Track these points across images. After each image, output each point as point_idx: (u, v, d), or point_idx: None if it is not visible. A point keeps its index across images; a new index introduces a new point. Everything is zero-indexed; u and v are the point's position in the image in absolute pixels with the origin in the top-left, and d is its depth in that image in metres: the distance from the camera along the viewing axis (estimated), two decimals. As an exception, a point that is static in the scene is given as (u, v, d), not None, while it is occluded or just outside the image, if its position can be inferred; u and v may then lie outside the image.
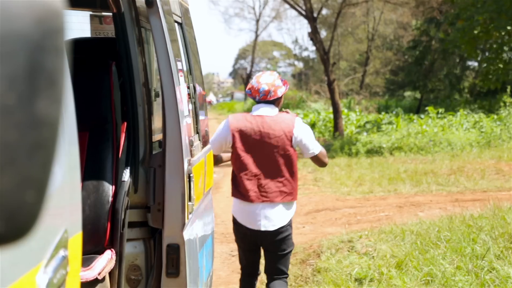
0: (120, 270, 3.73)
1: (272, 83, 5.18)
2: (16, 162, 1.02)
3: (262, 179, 5.15)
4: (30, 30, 1.03)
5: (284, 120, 5.17)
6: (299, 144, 5.19)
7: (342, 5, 27.82)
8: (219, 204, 12.92)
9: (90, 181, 3.70)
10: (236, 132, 5.18)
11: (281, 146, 5.12)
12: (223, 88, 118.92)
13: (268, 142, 5.13)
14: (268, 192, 5.15)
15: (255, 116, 5.21)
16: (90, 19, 5.80)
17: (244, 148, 5.17)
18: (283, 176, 5.14)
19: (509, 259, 6.17)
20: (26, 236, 1.08)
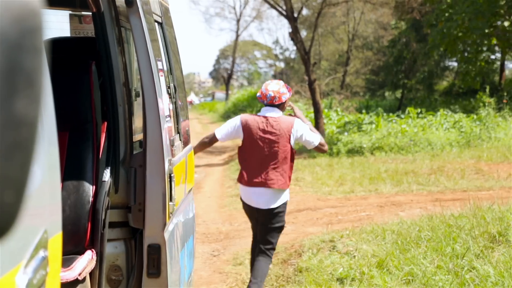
0: (100, 270, 3.72)
1: (278, 90, 6.23)
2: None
3: (262, 168, 6.17)
4: (8, 29, 1.02)
5: (285, 121, 6.21)
6: (300, 140, 6.27)
7: (323, 5, 27.86)
8: (200, 204, 12.91)
9: (70, 181, 3.69)
10: (245, 129, 6.23)
11: (281, 143, 6.18)
12: (204, 88, 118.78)
13: (270, 139, 6.18)
14: (267, 179, 6.15)
15: (261, 116, 6.26)
16: (70, 18, 5.77)
17: (250, 143, 6.22)
18: (280, 167, 6.17)
19: (489, 258, 6.21)
20: (5, 236, 1.08)
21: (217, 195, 14.54)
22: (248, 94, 46.71)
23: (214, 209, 12.71)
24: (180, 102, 5.08)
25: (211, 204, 13.25)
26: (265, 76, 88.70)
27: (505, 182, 12.90)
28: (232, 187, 15.69)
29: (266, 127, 6.18)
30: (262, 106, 35.89)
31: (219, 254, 8.93)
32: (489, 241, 6.74)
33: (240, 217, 11.50)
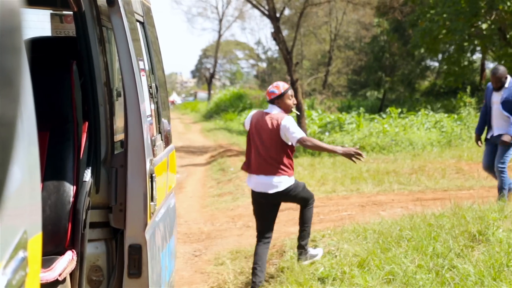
0: (81, 271, 3.70)
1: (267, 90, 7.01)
2: (-28, 162, 1.00)
3: (259, 158, 6.87)
4: (-14, 28, 1.01)
5: (277, 117, 6.82)
6: (286, 133, 6.75)
7: (305, 5, 27.91)
8: (182, 204, 12.89)
9: (50, 181, 3.67)
10: (251, 122, 7.00)
11: (273, 136, 6.80)
12: (186, 88, 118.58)
13: (263, 132, 6.86)
14: (263, 167, 6.84)
15: (264, 112, 6.98)
16: (51, 18, 5.74)
17: (251, 135, 6.99)
18: (273, 157, 6.81)
19: (469, 257, 6.24)
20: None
21: (199, 195, 14.53)
22: (231, 94, 46.67)
23: (196, 209, 12.70)
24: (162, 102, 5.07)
25: (193, 204, 13.24)
26: (247, 76, 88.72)
27: (485, 182, 12.98)
28: (214, 187, 15.67)
29: (262, 122, 6.88)
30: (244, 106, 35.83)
31: (201, 254, 8.92)
32: (469, 240, 6.78)
33: (222, 217, 11.50)
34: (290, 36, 40.66)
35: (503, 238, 6.60)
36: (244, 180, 15.59)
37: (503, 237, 6.61)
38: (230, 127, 35.09)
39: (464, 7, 24.35)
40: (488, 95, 9.90)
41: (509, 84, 9.68)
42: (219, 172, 18.02)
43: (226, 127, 35.82)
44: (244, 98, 44.00)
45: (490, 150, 9.84)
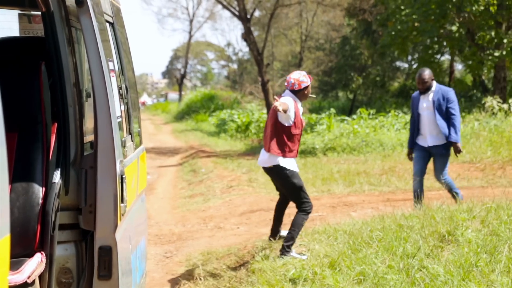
0: (50, 273, 3.68)
1: (297, 78, 7.55)
2: None
3: (265, 135, 7.72)
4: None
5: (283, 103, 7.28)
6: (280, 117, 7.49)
7: (275, 6, 27.96)
8: (153, 206, 12.85)
9: (19, 183, 3.64)
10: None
11: (276, 119, 7.53)
12: (157, 89, 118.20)
13: (271, 116, 7.62)
14: (265, 143, 7.64)
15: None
16: (19, 18, 5.69)
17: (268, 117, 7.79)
18: (273, 138, 7.54)
19: (439, 258, 6.29)
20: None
21: (170, 197, 14.49)
22: (202, 95, 46.59)
23: (166, 210, 12.66)
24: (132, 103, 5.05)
25: (164, 206, 13.20)
26: (218, 77, 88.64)
27: (455, 182, 13.10)
28: (185, 188, 15.64)
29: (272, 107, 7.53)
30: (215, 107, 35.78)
31: (172, 255, 8.90)
32: (439, 240, 6.83)
33: (193, 219, 11.48)
34: (260, 37, 40.70)
35: (472, 238, 6.66)
36: (215, 181, 15.59)
37: (472, 237, 6.67)
38: (201, 128, 35.04)
39: (433, 8, 24.56)
40: (415, 102, 9.54)
41: (436, 88, 9.41)
42: (190, 173, 17.99)
43: (197, 128, 35.77)
44: (215, 99, 43.96)
45: (422, 156, 9.47)
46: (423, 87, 9.36)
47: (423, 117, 9.42)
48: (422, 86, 9.36)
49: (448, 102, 9.30)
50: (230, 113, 33.27)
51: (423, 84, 9.34)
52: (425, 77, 9.33)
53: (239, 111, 33.26)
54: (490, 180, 13.05)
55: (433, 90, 9.39)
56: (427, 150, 9.40)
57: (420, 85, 9.38)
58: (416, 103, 9.51)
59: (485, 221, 7.28)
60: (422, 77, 9.34)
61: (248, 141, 26.77)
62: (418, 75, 9.42)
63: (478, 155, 15.95)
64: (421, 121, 9.44)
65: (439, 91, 9.38)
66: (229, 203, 12.73)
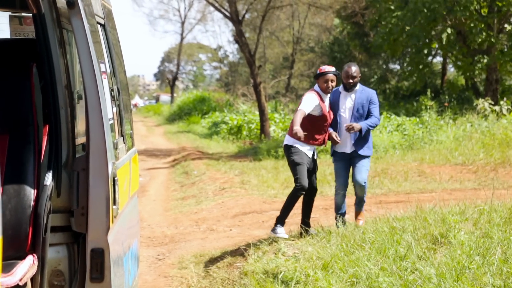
0: (42, 275, 3.66)
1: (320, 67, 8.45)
2: None
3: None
4: None
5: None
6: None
7: (267, 8, 27.97)
8: (145, 208, 12.82)
9: (10, 185, 3.62)
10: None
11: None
12: (149, 91, 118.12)
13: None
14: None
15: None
16: (10, 19, 5.68)
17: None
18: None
19: (431, 260, 6.29)
20: None
21: (162, 199, 14.47)
22: (194, 97, 46.52)
23: (159, 212, 12.64)
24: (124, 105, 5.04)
25: (156, 208, 13.18)
26: (211, 79, 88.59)
27: (447, 184, 13.13)
28: (177, 190, 15.63)
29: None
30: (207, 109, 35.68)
31: (164, 258, 8.88)
32: (432, 242, 6.84)
33: (185, 221, 11.46)
34: (252, 39, 40.70)
35: (464, 240, 6.66)
36: (208, 183, 15.57)
37: (465, 240, 6.67)
38: (193, 130, 35.01)
39: (423, 12, 24.64)
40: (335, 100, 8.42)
41: (360, 88, 8.44)
42: (183, 175, 17.97)
43: (189, 130, 35.74)
44: (207, 101, 43.90)
45: (344, 166, 8.50)
46: (349, 84, 8.33)
47: (342, 119, 8.40)
48: (348, 81, 8.32)
49: (371, 103, 8.42)
50: (223, 115, 33.26)
51: (352, 78, 8.31)
52: (355, 73, 8.32)
53: (231, 114, 33.21)
54: (483, 182, 13.08)
55: (358, 89, 8.44)
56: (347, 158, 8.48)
57: (345, 79, 8.35)
58: (336, 101, 8.42)
59: (477, 223, 7.29)
60: (351, 72, 8.32)
61: (241, 143, 26.76)
62: (346, 70, 8.34)
63: (470, 157, 15.98)
64: (339, 123, 8.38)
65: (363, 91, 8.49)
66: (221, 205, 12.72)
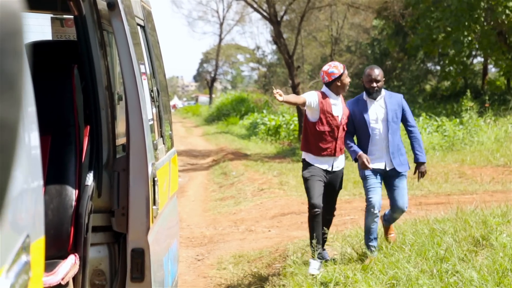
0: (84, 275, 3.69)
1: (326, 70, 7.12)
2: (-26, 166, 0.99)
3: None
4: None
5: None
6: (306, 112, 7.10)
7: (306, 9, 27.90)
8: (184, 208, 12.88)
9: (52, 185, 3.66)
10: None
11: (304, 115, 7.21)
12: (187, 92, 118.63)
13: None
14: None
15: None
16: (51, 21, 5.73)
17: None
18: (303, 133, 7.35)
19: (473, 262, 6.22)
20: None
21: (201, 199, 14.52)
22: (232, 97, 46.62)
23: (198, 213, 12.69)
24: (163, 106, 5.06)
25: (195, 208, 13.22)
26: (249, 80, 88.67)
27: (488, 186, 12.96)
28: (216, 191, 15.66)
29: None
30: (246, 109, 35.44)
31: (203, 258, 8.91)
32: (473, 245, 6.76)
33: (224, 221, 11.49)
34: (290, 39, 40.65)
35: (506, 243, 6.57)
36: (246, 184, 15.58)
37: (507, 242, 6.58)
38: (232, 131, 35.08)
39: (463, 13, 24.40)
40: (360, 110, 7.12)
41: (386, 93, 7.23)
42: (221, 176, 18.01)
43: (228, 131, 35.82)
44: (246, 102, 43.96)
45: (379, 182, 7.33)
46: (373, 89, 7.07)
47: (375, 132, 7.17)
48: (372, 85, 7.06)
49: (404, 110, 7.33)
50: (261, 116, 33.27)
51: (375, 83, 7.05)
52: (379, 77, 7.09)
53: (269, 114, 33.19)
54: (525, 184, 12.89)
55: (384, 95, 7.19)
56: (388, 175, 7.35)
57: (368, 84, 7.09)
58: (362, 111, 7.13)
59: (519, 225, 7.20)
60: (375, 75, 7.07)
61: (279, 144, 26.74)
62: (368, 73, 7.09)
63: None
64: (372, 138, 7.17)
65: (391, 96, 7.29)
66: (260, 206, 12.72)
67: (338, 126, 7.03)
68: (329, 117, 7.00)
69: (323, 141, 7.01)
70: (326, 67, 7.14)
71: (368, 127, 7.10)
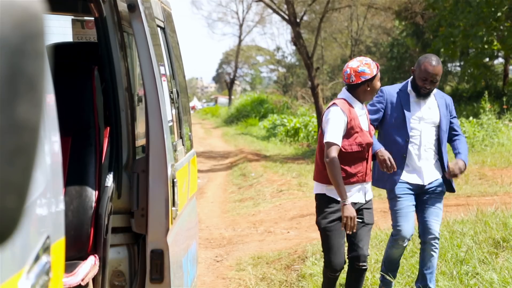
0: (103, 276, 3.71)
1: (355, 67, 5.28)
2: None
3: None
4: (9, 34, 1.01)
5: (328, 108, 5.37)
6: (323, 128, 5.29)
7: (325, 10, 27.87)
8: (203, 210, 12.90)
9: (73, 186, 3.68)
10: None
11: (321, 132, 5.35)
12: (206, 93, 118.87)
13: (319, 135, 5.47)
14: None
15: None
16: (72, 23, 5.77)
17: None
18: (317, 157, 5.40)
19: (493, 264, 6.19)
20: (8, 242, 1.07)
21: (220, 201, 14.53)
22: (252, 99, 46.64)
23: (217, 214, 12.70)
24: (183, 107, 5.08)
25: (214, 209, 13.24)
26: (268, 81, 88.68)
27: (509, 188, 12.87)
28: (235, 192, 15.67)
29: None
30: (265, 111, 35.26)
31: (222, 259, 8.92)
32: (493, 246, 6.72)
33: (243, 223, 11.49)
34: (310, 40, 40.63)
35: (527, 244, 6.54)
36: (265, 185, 15.57)
37: (527, 243, 6.55)
38: (251, 132, 35.10)
39: (484, 11, 24.26)
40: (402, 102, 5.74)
41: (437, 92, 5.89)
42: (240, 177, 18.02)
43: (247, 132, 35.84)
44: (265, 103, 43.96)
45: (412, 204, 5.78)
46: (429, 86, 5.67)
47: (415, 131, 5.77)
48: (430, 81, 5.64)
49: (451, 115, 5.97)
50: (280, 117, 33.26)
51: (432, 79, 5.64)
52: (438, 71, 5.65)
53: (289, 116, 33.15)
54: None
55: (435, 93, 5.88)
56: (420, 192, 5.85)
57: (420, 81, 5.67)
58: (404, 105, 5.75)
59: (540, 227, 7.14)
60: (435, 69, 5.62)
61: (298, 145, 26.72)
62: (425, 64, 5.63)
63: (532, 160, 15.67)
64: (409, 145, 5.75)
65: (443, 96, 5.97)
66: (279, 207, 12.71)
67: (369, 143, 5.33)
68: (358, 132, 5.27)
69: (353, 163, 5.28)
70: (355, 63, 5.30)
71: (407, 127, 5.69)
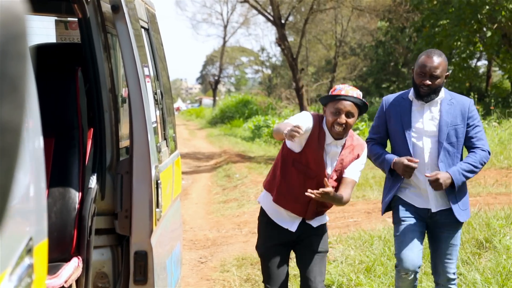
0: (87, 277, 3.70)
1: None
2: (-23, 169, 1.00)
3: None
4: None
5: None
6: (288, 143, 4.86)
7: (310, 12, 27.92)
8: (188, 211, 12.88)
9: (56, 188, 3.67)
10: None
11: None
12: (191, 94, 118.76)
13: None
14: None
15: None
16: (56, 24, 5.75)
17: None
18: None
19: (476, 265, 6.22)
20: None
21: (204, 202, 14.52)
22: (236, 100, 46.62)
23: (201, 215, 12.69)
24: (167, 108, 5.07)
25: (198, 211, 13.22)
26: (253, 82, 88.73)
27: (492, 188, 12.94)
28: (219, 193, 15.66)
29: None
30: (249, 112, 35.23)
31: (207, 261, 8.91)
32: (476, 247, 6.76)
33: (227, 224, 11.48)
34: (295, 42, 40.66)
35: (510, 245, 6.58)
36: (249, 186, 15.56)
37: (510, 244, 6.59)
38: (235, 133, 35.08)
39: (466, 13, 24.39)
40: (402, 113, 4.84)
41: (447, 95, 4.81)
42: (225, 178, 18.00)
43: (231, 133, 35.81)
44: (250, 104, 43.95)
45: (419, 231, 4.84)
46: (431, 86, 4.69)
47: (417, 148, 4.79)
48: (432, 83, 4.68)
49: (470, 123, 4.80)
50: (265, 118, 33.27)
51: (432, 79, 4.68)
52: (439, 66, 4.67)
53: (273, 117, 33.17)
54: (528, 186, 12.87)
55: (444, 97, 4.79)
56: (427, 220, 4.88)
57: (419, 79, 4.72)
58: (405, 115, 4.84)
59: (523, 227, 7.19)
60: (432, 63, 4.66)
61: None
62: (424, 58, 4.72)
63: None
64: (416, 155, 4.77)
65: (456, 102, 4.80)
66: (263, 208, 12.70)
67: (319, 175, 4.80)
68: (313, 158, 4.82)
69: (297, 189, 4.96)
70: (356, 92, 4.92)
71: (408, 143, 4.81)
